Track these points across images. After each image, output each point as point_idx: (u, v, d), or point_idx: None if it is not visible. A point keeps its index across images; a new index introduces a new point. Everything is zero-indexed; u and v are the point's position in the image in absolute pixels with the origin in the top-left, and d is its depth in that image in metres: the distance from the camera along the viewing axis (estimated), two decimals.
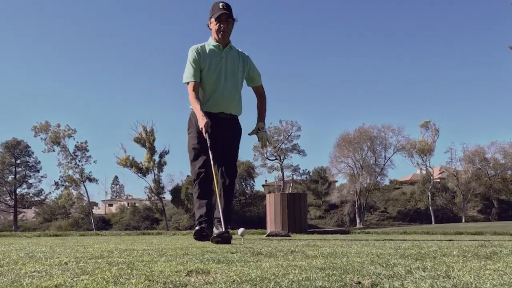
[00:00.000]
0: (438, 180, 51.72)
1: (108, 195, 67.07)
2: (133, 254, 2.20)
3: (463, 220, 45.30)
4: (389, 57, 75.65)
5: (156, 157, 47.09)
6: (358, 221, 47.02)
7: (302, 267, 1.61)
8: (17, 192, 51.08)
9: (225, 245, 2.82)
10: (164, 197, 50.53)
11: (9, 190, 50.83)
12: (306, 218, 7.38)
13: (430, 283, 1.28)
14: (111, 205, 65.56)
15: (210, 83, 3.75)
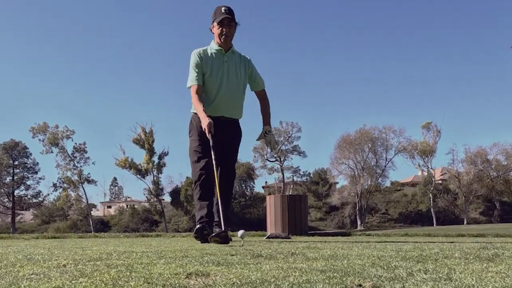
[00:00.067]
0: (440, 182, 51.73)
1: (106, 197, 66.97)
2: (132, 256, 2.19)
3: (465, 222, 45.26)
4: (390, 57, 75.87)
5: (155, 159, 47.08)
6: (359, 223, 47.02)
7: (303, 269, 1.60)
8: (15, 193, 51.10)
9: (225, 247, 2.82)
10: (163, 199, 50.51)
11: (7, 192, 50.84)
12: (306, 220, 7.37)
13: (431, 286, 1.27)
14: (109, 207, 65.57)
15: (212, 87, 3.80)
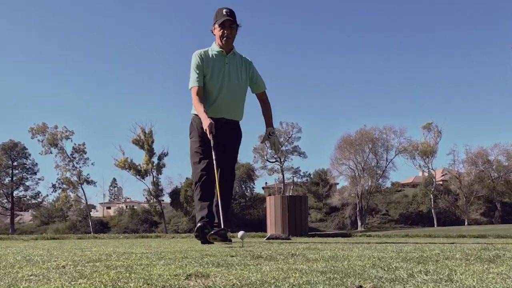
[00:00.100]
0: (441, 183, 51.73)
1: (106, 198, 67.07)
2: (132, 257, 2.19)
3: (466, 223, 45.24)
4: (391, 58, 75.95)
5: (154, 159, 47.07)
6: (359, 224, 47.00)
7: (303, 270, 1.60)
8: (14, 194, 51.10)
9: (225, 248, 2.82)
10: (163, 200, 50.51)
11: (6, 193, 50.81)
12: (306, 221, 7.37)
13: (432, 287, 1.27)
14: (109, 207, 65.58)
15: (213, 88, 3.81)
